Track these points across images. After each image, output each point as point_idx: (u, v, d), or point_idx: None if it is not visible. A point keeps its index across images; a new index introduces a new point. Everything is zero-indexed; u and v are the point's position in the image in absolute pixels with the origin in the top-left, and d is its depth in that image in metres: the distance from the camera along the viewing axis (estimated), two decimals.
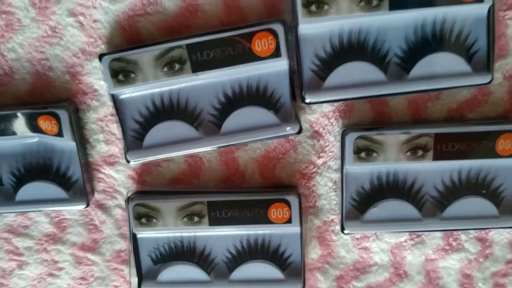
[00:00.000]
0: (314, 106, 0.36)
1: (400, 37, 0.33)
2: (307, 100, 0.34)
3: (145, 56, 0.34)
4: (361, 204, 0.37)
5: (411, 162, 0.35)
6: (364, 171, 0.36)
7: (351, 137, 0.35)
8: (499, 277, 0.40)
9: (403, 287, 0.40)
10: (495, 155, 0.35)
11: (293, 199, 0.36)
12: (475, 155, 0.35)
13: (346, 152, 0.35)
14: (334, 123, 0.37)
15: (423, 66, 0.33)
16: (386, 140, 0.34)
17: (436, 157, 0.35)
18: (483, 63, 0.33)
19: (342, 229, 0.37)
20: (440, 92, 0.36)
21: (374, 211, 0.36)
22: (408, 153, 0.35)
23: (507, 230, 0.38)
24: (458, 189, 0.36)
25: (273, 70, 0.34)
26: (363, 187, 0.37)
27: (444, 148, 0.34)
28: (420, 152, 0.35)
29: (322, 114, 0.36)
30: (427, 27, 0.33)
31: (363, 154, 0.35)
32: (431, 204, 0.36)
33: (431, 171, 0.36)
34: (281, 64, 0.34)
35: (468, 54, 0.33)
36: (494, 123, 0.35)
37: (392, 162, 0.35)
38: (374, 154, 0.35)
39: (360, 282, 0.40)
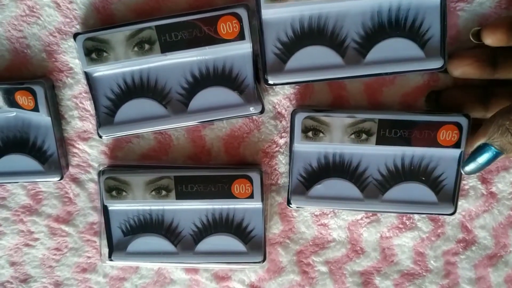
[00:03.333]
0: (277, 88, 0.38)
1: (357, 23, 0.35)
2: (270, 82, 0.36)
3: (116, 36, 0.35)
4: (308, 181, 0.38)
5: (354, 145, 0.36)
6: (312, 150, 0.38)
7: (300, 117, 0.36)
8: (450, 255, 0.41)
9: (359, 263, 0.42)
10: (436, 144, 0.36)
11: (255, 176, 0.38)
12: (416, 143, 0.36)
13: (295, 130, 0.37)
14: (295, 105, 0.38)
15: (378, 51, 0.35)
16: (332, 122, 0.36)
17: (379, 142, 0.36)
18: (436, 49, 0.35)
19: (288, 202, 0.39)
20: (395, 78, 0.37)
21: (319, 188, 0.38)
22: (353, 136, 0.36)
23: (459, 210, 0.40)
24: (400, 174, 0.38)
25: (238, 52, 0.36)
26: (310, 165, 0.38)
27: (387, 134, 0.36)
28: (364, 136, 0.36)
29: (284, 96, 0.38)
30: (383, 14, 0.35)
31: (310, 134, 0.37)
32: (374, 186, 0.38)
33: (375, 155, 0.37)
34: (245, 47, 0.36)
35: (421, 41, 0.35)
36: (436, 114, 0.36)
37: (337, 143, 0.37)
38: (321, 134, 0.37)
39: (319, 257, 0.42)
